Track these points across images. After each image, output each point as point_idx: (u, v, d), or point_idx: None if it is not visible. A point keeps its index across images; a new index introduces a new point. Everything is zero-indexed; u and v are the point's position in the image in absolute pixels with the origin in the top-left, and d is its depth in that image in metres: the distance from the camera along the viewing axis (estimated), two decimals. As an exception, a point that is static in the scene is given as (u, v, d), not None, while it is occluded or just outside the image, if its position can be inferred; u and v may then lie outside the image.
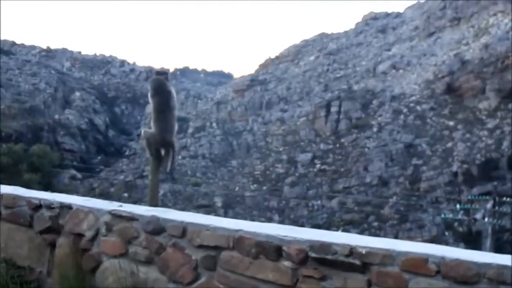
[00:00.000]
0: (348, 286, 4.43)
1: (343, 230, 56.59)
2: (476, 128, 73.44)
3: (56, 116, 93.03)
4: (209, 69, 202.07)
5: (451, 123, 76.12)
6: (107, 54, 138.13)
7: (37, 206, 6.54)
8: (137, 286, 5.62)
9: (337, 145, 79.38)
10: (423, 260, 4.10)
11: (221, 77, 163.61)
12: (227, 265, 5.07)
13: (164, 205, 58.06)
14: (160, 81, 9.10)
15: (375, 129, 78.27)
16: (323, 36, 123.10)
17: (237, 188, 75.43)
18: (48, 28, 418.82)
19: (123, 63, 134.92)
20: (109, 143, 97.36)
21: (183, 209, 60.85)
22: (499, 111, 74.35)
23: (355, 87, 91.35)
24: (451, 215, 54.74)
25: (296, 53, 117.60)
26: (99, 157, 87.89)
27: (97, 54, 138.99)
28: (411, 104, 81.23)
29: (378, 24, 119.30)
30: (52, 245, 6.35)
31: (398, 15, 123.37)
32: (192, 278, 5.31)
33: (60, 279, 6.17)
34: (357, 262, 4.35)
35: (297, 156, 79.00)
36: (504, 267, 3.88)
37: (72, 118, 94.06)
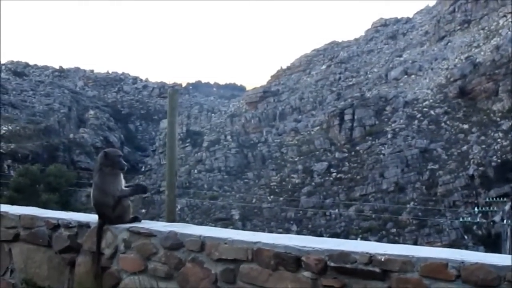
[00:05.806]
0: (368, 294, 4.41)
1: (362, 238, 56.44)
2: (490, 130, 73.10)
3: (71, 135, 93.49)
4: (222, 82, 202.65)
5: (466, 126, 75.83)
6: (120, 72, 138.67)
7: (55, 226, 6.54)
8: (158, 302, 5.61)
9: (352, 153, 79.25)
10: (443, 265, 4.08)
11: (234, 90, 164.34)
12: (247, 278, 5.05)
13: (182, 219, 58.18)
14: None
15: (389, 136, 78.07)
16: (333, 44, 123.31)
17: (254, 200, 75.42)
18: (60, 48, 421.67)
19: (135, 79, 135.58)
20: (124, 160, 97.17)
21: (201, 223, 60.97)
22: (513, 112, 73.99)
23: (368, 94, 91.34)
24: (469, 219, 54.44)
25: (307, 62, 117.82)
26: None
27: (110, 72, 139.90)
28: (425, 109, 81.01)
29: (388, 31, 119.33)
30: (72, 264, 6.35)
31: (407, 20, 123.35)
32: (212, 292, 5.29)
33: (80, 298, 6.17)
34: (377, 269, 4.34)
35: (312, 165, 78.91)
36: (525, 269, 3.86)
37: (87, 136, 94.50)
